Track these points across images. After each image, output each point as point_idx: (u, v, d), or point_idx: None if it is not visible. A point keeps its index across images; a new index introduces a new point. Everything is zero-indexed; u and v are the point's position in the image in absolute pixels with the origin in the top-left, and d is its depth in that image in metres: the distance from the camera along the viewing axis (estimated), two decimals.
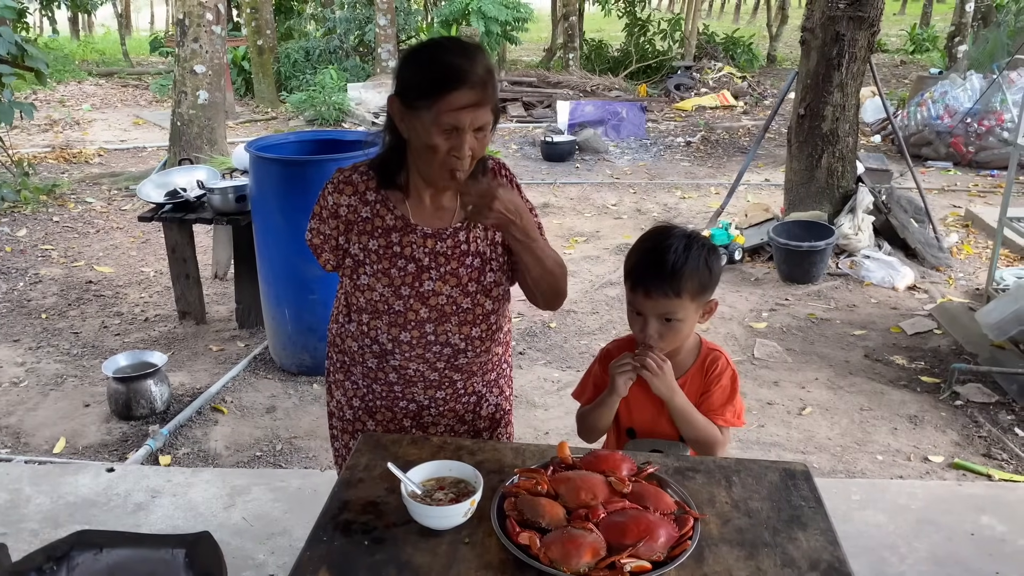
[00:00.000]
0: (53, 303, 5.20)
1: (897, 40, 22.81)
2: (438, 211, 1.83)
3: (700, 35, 17.03)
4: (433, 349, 1.85)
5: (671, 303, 1.74)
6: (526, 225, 1.71)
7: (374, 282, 1.81)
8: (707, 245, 1.81)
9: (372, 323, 1.85)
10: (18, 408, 3.92)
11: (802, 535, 1.50)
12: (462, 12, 13.02)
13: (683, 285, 1.72)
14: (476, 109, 1.63)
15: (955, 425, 3.77)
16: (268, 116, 12.71)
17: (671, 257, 1.73)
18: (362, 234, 1.81)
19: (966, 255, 6.10)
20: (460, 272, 1.82)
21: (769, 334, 4.78)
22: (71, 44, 22.58)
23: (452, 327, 1.84)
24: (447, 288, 1.81)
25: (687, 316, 1.77)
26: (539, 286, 1.87)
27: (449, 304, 1.82)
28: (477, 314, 1.86)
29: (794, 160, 6.05)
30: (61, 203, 7.45)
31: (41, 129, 11.33)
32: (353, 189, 1.82)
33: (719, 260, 1.84)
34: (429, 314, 1.82)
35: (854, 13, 5.46)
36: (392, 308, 1.81)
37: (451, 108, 1.60)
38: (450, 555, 1.43)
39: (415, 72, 1.67)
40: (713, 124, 11.81)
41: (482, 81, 1.63)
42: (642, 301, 1.76)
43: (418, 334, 1.83)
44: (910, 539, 2.89)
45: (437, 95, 1.60)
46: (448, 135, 1.63)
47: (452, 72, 1.61)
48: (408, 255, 1.80)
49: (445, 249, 1.81)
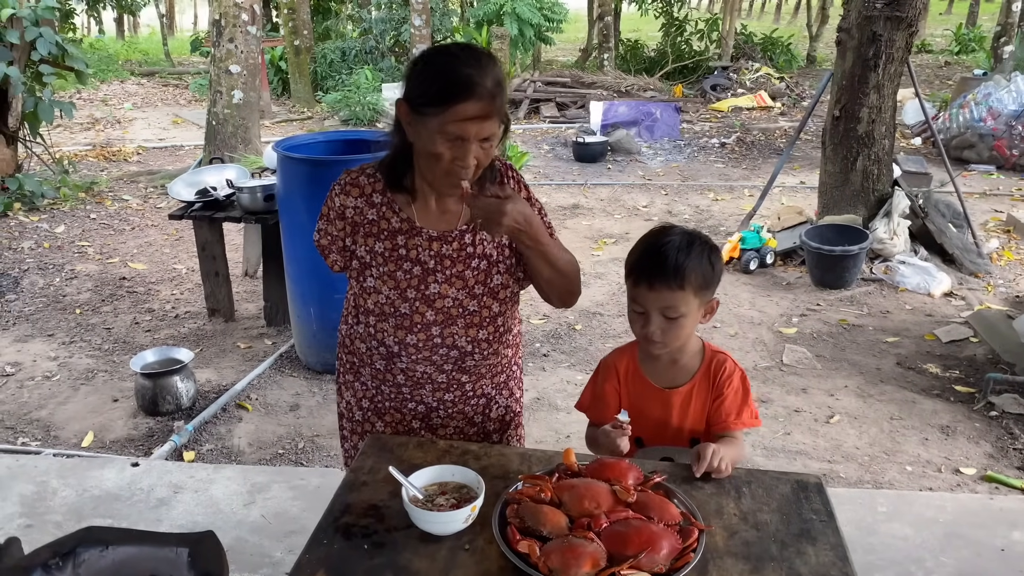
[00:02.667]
0: (87, 299, 5.30)
1: (942, 40, 22.35)
2: (444, 214, 1.82)
3: (738, 35, 16.83)
4: (440, 352, 1.84)
5: (674, 296, 1.71)
6: (536, 232, 1.70)
7: (380, 284, 1.80)
8: (709, 242, 1.80)
9: (379, 325, 1.85)
10: (49, 401, 4.00)
11: (811, 550, 1.46)
12: (496, 13, 13.02)
13: (686, 277, 1.71)
14: (483, 121, 1.62)
15: (989, 436, 3.67)
16: (304, 116, 12.84)
17: (674, 251, 1.72)
18: (368, 236, 1.81)
19: (1007, 261, 5.94)
20: (466, 275, 1.81)
21: (799, 340, 4.70)
22: (116, 44, 23.05)
23: (459, 330, 1.83)
24: (453, 291, 1.80)
25: (690, 311, 1.74)
26: (551, 287, 1.86)
27: (455, 307, 1.81)
28: (484, 316, 1.84)
29: (828, 162, 5.94)
30: (99, 200, 7.60)
31: (83, 127, 11.58)
32: (360, 191, 1.82)
33: (720, 259, 1.83)
34: (435, 317, 1.81)
35: (892, 13, 5.34)
36: (398, 311, 1.81)
37: (458, 119, 1.60)
38: (449, 561, 1.42)
39: (424, 80, 1.66)
40: (749, 125, 11.67)
41: (491, 93, 1.62)
42: (645, 294, 1.74)
43: (424, 337, 1.82)
44: (937, 553, 2.81)
45: (445, 105, 1.59)
46: (453, 144, 1.63)
47: (461, 83, 1.60)
48: (414, 258, 1.79)
49: (451, 252, 1.80)
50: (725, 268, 5.67)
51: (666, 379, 1.86)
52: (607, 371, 1.91)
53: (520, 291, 1.94)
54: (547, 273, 1.81)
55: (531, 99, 12.75)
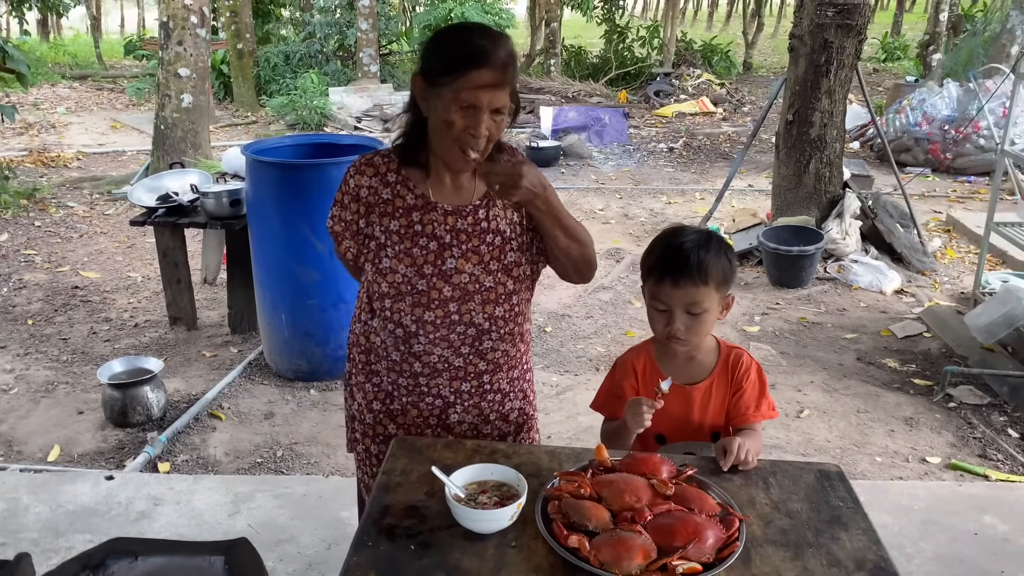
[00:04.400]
0: (39, 309, 5.11)
1: (869, 48, 23.14)
2: (458, 189, 1.86)
3: (679, 42, 17.16)
4: (457, 330, 1.85)
5: (699, 291, 1.76)
6: (550, 196, 1.75)
7: (396, 263, 1.82)
8: (724, 240, 1.86)
9: (395, 307, 1.85)
10: (9, 416, 3.84)
11: (844, 535, 1.51)
12: (444, 18, 13.01)
13: (709, 273, 1.76)
14: (495, 90, 1.67)
15: (950, 427, 3.83)
16: (248, 120, 12.60)
17: (695, 248, 1.77)
18: (383, 216, 1.83)
19: (949, 259, 6.20)
20: (481, 249, 1.83)
21: (762, 338, 4.82)
22: (41, 46, 22.21)
23: (476, 306, 1.85)
24: (469, 266, 1.83)
25: (712, 307, 1.79)
26: (568, 256, 1.88)
27: (472, 282, 1.83)
28: (500, 293, 1.87)
29: (782, 166, 6.11)
30: (42, 207, 7.32)
31: (16, 132, 11.13)
32: (374, 171, 1.85)
33: (735, 255, 1.89)
34: (452, 293, 1.83)
35: (842, 21, 5.53)
36: (415, 288, 1.82)
37: (471, 86, 1.65)
38: (498, 559, 1.42)
39: (440, 51, 1.73)
40: (694, 130, 11.91)
41: (503, 64, 1.67)
42: (669, 292, 1.78)
43: (442, 313, 1.83)
44: (916, 539, 2.93)
45: (459, 72, 1.65)
46: (466, 112, 1.67)
47: (475, 51, 1.66)
48: (430, 233, 1.82)
49: (466, 226, 1.83)
50: None
51: (684, 376, 1.89)
52: (624, 369, 1.94)
53: (533, 276, 1.95)
54: (563, 241, 1.84)
55: None
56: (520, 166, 1.68)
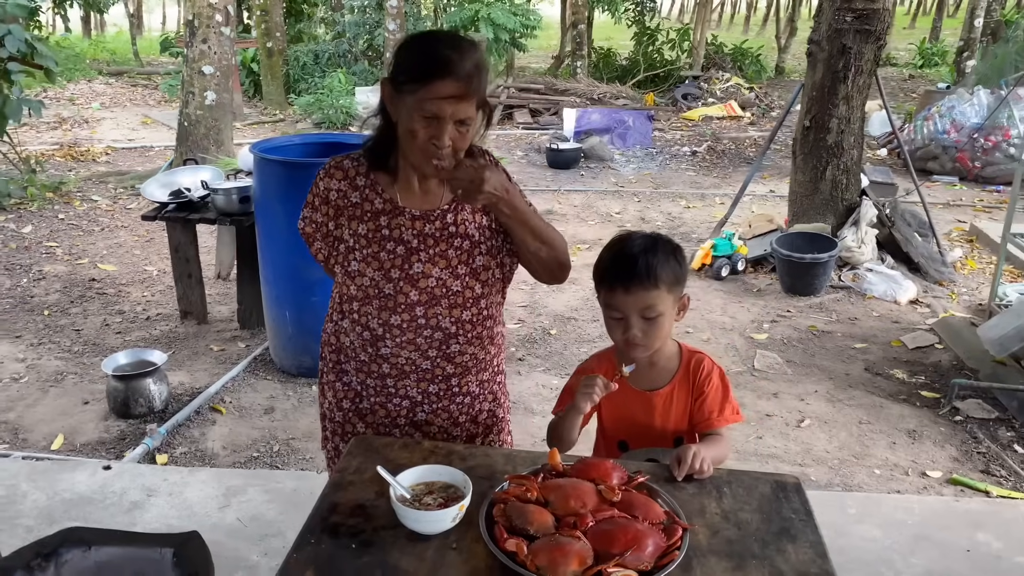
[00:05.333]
0: (56, 300, 5.22)
1: (906, 54, 22.80)
2: (426, 194, 1.86)
3: (708, 45, 17.04)
4: (424, 333, 1.86)
5: (650, 295, 1.75)
6: (514, 200, 1.76)
7: (364, 267, 1.83)
8: (671, 241, 1.85)
9: (363, 309, 1.87)
10: (18, 404, 3.93)
11: (791, 547, 1.49)
12: (471, 19, 13.05)
13: (659, 275, 1.75)
14: (459, 102, 1.67)
15: (954, 440, 3.76)
16: (276, 118, 12.76)
17: (642, 252, 1.77)
18: (352, 219, 1.84)
19: (970, 270, 6.08)
20: (449, 254, 1.84)
21: (770, 346, 4.77)
22: (83, 43, 22.68)
23: (442, 310, 1.85)
24: (436, 270, 1.83)
25: (666, 309, 1.79)
26: (539, 258, 1.90)
27: (439, 287, 1.84)
28: (467, 297, 1.87)
29: (799, 172, 6.05)
30: (67, 201, 7.48)
31: (50, 127, 11.39)
32: (343, 174, 1.87)
33: (684, 256, 1.88)
34: (419, 297, 1.83)
35: (861, 26, 5.46)
36: (382, 292, 1.83)
37: (433, 96, 1.65)
38: (437, 560, 1.43)
39: (406, 58, 1.73)
40: (720, 134, 11.82)
41: (468, 75, 1.67)
42: (622, 298, 1.77)
43: (408, 317, 1.84)
44: (906, 554, 2.88)
45: (422, 82, 1.66)
46: (428, 123, 1.68)
47: (439, 62, 1.66)
48: (397, 237, 1.82)
49: (433, 231, 1.83)
50: (697, 274, 5.78)
51: (646, 382, 1.89)
52: (584, 374, 1.93)
53: (504, 278, 1.97)
54: (532, 244, 1.86)
55: (505, 105, 12.79)
56: (482, 170, 1.68)
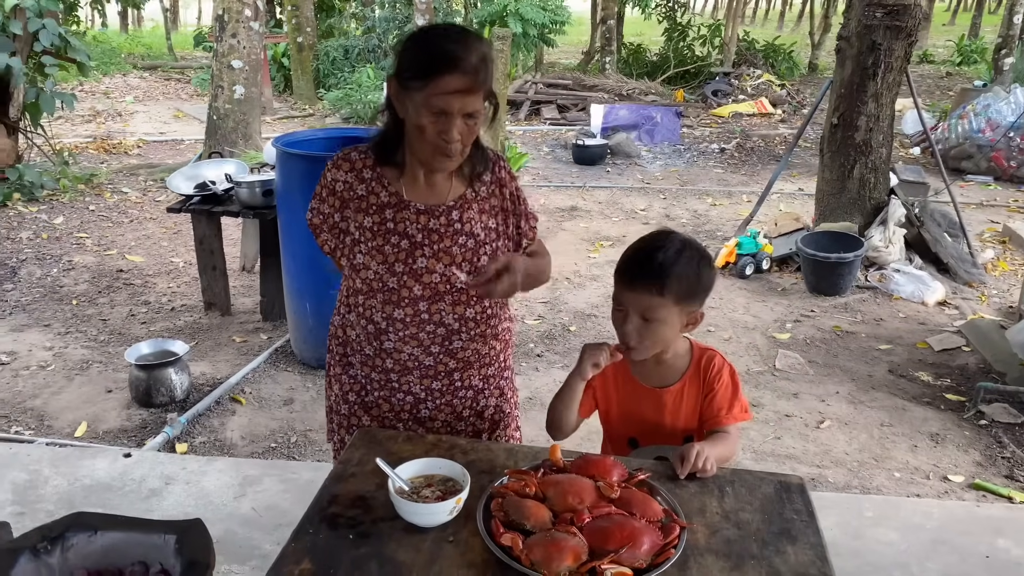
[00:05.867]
0: (84, 290, 5.32)
1: (944, 51, 22.39)
2: (432, 189, 1.86)
3: (740, 42, 16.87)
4: (427, 328, 1.86)
5: (652, 300, 1.72)
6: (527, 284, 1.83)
7: (368, 260, 1.84)
8: (702, 253, 1.80)
9: (367, 303, 1.88)
10: (44, 391, 4.01)
11: (791, 549, 1.47)
12: (500, 14, 13.05)
13: (668, 284, 1.71)
14: (466, 95, 1.67)
15: (978, 445, 3.69)
16: (305, 113, 12.86)
17: (661, 256, 1.73)
18: (357, 212, 1.85)
19: (1001, 272, 5.96)
20: (453, 250, 1.84)
21: (792, 345, 4.72)
22: (119, 38, 23.07)
23: (446, 306, 1.86)
24: (440, 266, 1.83)
25: (668, 318, 1.75)
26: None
27: (443, 282, 1.84)
28: (471, 295, 1.88)
29: (826, 170, 5.97)
30: (98, 192, 7.61)
31: (84, 120, 11.60)
32: (350, 166, 1.87)
33: (712, 271, 1.82)
34: (423, 292, 1.84)
35: (891, 22, 5.37)
36: (386, 286, 1.84)
37: (441, 91, 1.65)
38: (433, 552, 1.43)
39: (412, 54, 1.72)
40: (749, 131, 11.70)
41: (474, 68, 1.67)
42: (625, 294, 1.76)
43: (412, 312, 1.85)
44: (922, 559, 2.83)
45: (429, 78, 1.65)
46: (437, 118, 1.68)
47: (445, 57, 1.65)
48: (401, 231, 1.83)
49: (438, 226, 1.84)
50: (721, 273, 5.72)
51: (656, 379, 1.87)
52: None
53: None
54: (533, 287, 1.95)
55: (532, 101, 12.77)
56: (514, 287, 1.73)
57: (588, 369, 1.79)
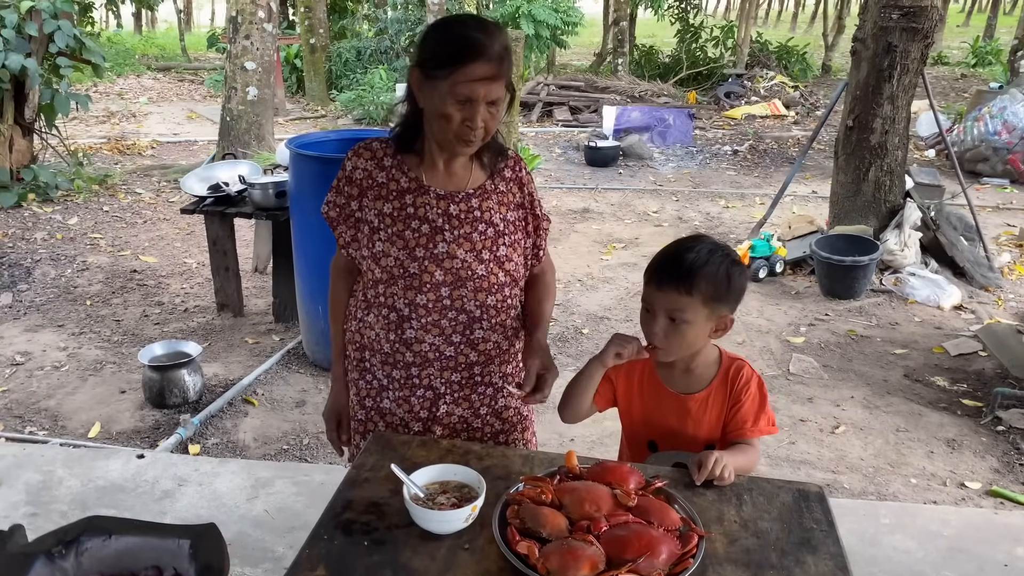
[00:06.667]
0: (98, 290, 5.34)
1: (959, 53, 22.24)
2: (451, 175, 1.88)
3: (753, 43, 16.81)
4: (448, 315, 1.86)
5: (680, 299, 1.71)
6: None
7: (388, 247, 1.84)
8: (733, 257, 1.78)
9: (388, 291, 1.87)
10: (58, 391, 4.03)
11: (811, 559, 1.45)
12: (512, 15, 13.04)
13: (696, 284, 1.70)
14: (491, 83, 1.69)
15: (995, 451, 3.65)
16: (318, 114, 12.89)
17: (691, 256, 1.73)
18: (377, 199, 1.85)
19: (1018, 275, 5.91)
20: (473, 237, 1.85)
21: (806, 349, 4.69)
22: (133, 39, 23.19)
23: (468, 292, 1.86)
24: (461, 252, 1.84)
25: (695, 319, 1.73)
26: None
27: (464, 268, 1.85)
28: (492, 283, 1.88)
29: (841, 172, 5.93)
30: (112, 193, 7.65)
31: (99, 120, 11.66)
32: (371, 154, 1.89)
33: (743, 275, 1.80)
34: (444, 277, 1.84)
35: (907, 24, 5.33)
36: (407, 271, 1.84)
37: (467, 79, 1.67)
38: (448, 560, 1.42)
39: (435, 44, 1.74)
40: (762, 133, 11.65)
41: (498, 56, 1.69)
42: (654, 293, 1.75)
43: (434, 297, 1.85)
44: (939, 567, 2.80)
45: (454, 66, 1.67)
46: (462, 106, 1.70)
47: (470, 45, 1.67)
48: (422, 216, 1.84)
49: (458, 212, 1.85)
50: None
51: (682, 385, 1.85)
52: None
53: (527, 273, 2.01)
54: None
55: (544, 102, 12.75)
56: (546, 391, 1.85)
57: (610, 357, 1.78)
